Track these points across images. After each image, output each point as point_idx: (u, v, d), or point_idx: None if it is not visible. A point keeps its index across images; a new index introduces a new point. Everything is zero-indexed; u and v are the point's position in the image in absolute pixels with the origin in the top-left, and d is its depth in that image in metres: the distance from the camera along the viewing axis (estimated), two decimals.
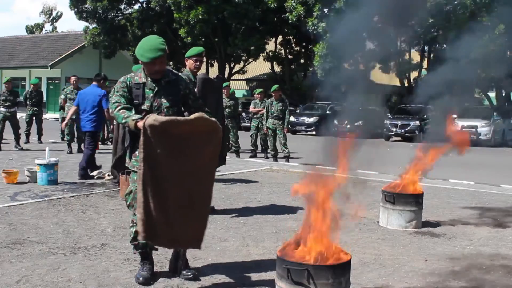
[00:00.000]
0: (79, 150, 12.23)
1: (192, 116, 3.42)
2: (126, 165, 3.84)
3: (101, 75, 9.13)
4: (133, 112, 3.59)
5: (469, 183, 9.44)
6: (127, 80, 3.73)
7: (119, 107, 3.60)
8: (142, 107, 3.67)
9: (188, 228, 3.45)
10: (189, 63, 5.89)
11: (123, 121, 3.54)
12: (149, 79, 3.72)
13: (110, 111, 3.76)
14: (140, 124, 3.35)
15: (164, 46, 3.66)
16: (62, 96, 13.41)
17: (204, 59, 6.29)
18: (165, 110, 3.68)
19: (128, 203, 3.78)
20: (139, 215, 3.36)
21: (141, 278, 3.75)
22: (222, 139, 6.09)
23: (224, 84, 12.20)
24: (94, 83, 8.79)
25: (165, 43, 3.71)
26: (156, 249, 3.96)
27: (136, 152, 3.60)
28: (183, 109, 3.84)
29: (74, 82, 12.75)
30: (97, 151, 8.99)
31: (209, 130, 3.46)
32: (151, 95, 3.70)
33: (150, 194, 3.31)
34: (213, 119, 3.49)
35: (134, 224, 3.64)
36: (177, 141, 3.36)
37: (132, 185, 3.70)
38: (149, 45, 3.64)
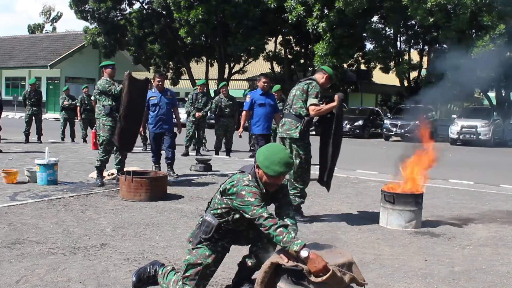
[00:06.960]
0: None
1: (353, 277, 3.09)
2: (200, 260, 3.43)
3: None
4: (289, 232, 3.04)
5: (469, 183, 9.44)
6: (259, 188, 3.28)
7: (275, 225, 3.05)
8: None
9: None
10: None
11: (282, 245, 3.04)
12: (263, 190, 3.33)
13: (264, 228, 3.07)
14: (317, 269, 2.90)
15: (292, 161, 3.36)
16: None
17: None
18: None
19: (187, 273, 3.37)
20: None
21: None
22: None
23: (222, 84, 12.32)
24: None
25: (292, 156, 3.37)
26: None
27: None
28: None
29: None
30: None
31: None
32: None
33: None
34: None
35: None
36: None
37: (203, 259, 3.41)
38: (279, 157, 3.25)
